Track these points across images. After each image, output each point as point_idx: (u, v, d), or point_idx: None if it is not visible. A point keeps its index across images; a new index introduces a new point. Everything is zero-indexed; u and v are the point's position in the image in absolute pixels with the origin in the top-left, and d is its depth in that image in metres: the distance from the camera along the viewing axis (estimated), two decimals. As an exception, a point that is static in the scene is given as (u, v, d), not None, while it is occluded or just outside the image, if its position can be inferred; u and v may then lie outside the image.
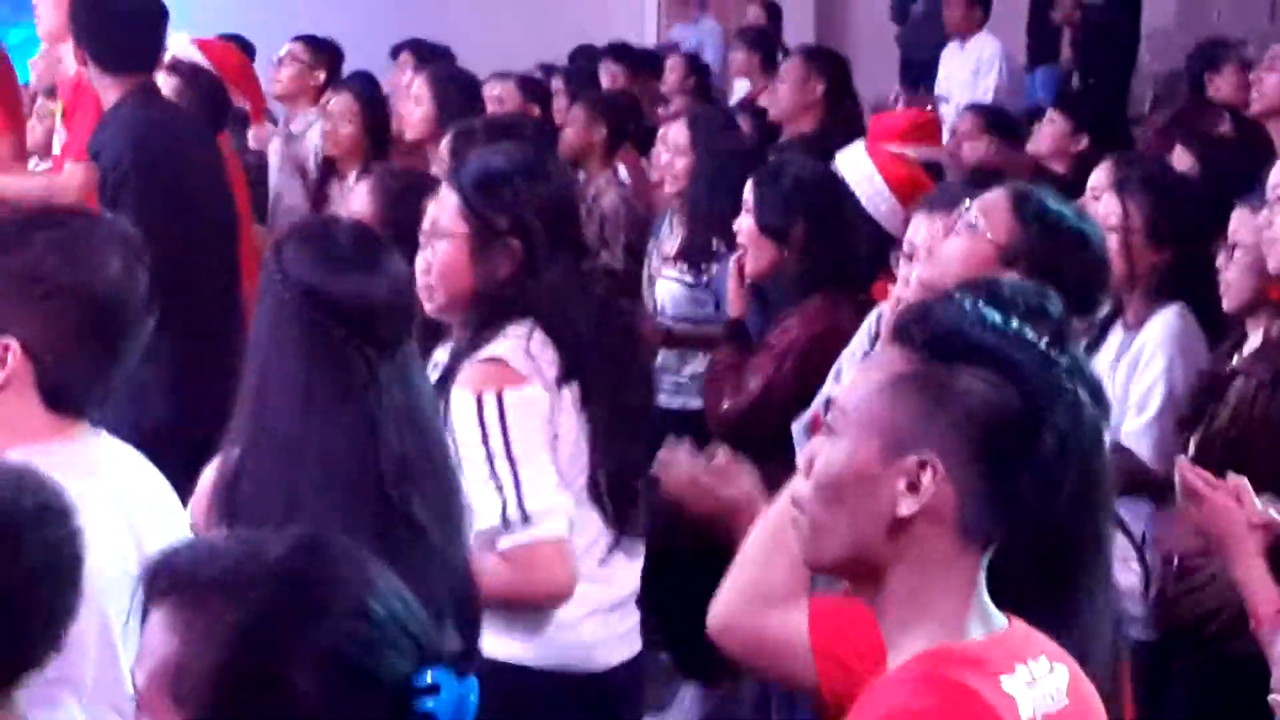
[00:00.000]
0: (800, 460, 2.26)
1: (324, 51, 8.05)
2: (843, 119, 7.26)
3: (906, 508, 2.13)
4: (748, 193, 5.02)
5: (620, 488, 3.53)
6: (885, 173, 5.38)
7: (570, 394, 3.47)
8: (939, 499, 2.14)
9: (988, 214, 3.50)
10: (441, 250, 3.53)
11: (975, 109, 7.89)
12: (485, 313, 3.51)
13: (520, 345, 3.44)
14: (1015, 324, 2.38)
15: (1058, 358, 2.36)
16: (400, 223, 3.77)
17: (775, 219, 4.93)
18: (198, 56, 6.37)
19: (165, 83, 6.07)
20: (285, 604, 1.74)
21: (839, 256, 4.89)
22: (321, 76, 7.86)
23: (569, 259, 3.56)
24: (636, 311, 4.59)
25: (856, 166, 5.38)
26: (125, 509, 2.64)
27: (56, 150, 5.96)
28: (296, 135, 7.62)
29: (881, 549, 2.16)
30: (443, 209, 3.58)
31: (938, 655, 2.13)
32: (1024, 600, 2.25)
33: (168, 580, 1.78)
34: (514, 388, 3.36)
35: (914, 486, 2.13)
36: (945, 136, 7.22)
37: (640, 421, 3.63)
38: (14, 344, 2.59)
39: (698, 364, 5.71)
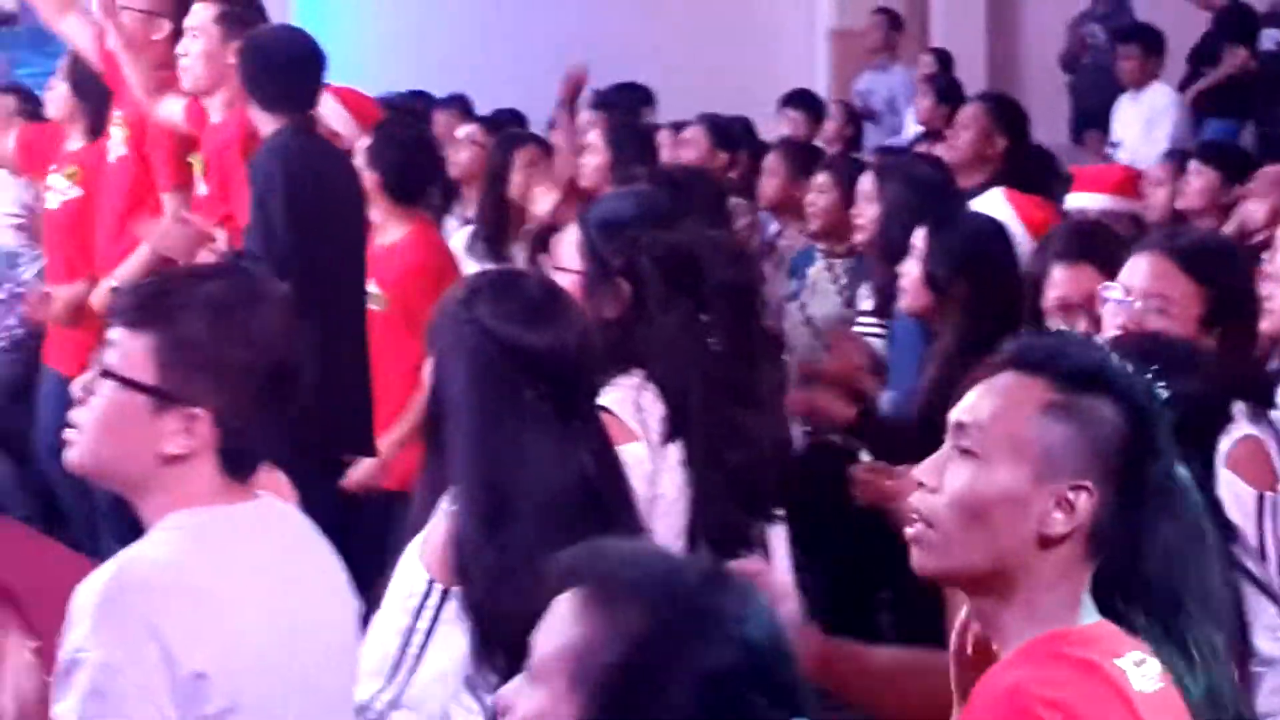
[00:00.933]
0: (923, 475, 2.36)
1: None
2: (1019, 170, 7.20)
3: (1058, 528, 2.29)
4: (917, 239, 5.00)
5: (719, 545, 3.45)
6: (1024, 218, 5.36)
7: (674, 451, 3.46)
8: (1086, 517, 2.30)
9: None
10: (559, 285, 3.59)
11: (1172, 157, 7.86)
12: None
13: (630, 397, 3.44)
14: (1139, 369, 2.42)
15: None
16: None
17: (940, 270, 4.93)
18: (336, 106, 6.47)
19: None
20: (690, 623, 1.87)
21: (1000, 313, 4.85)
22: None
23: (685, 311, 3.55)
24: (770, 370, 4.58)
25: (994, 213, 5.35)
26: (285, 571, 2.67)
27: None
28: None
29: (1018, 564, 2.31)
30: (567, 245, 3.65)
31: (1056, 636, 2.28)
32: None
33: (588, 571, 1.92)
34: (620, 444, 3.32)
35: (1064, 507, 2.28)
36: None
37: (747, 485, 3.58)
38: (203, 415, 2.58)
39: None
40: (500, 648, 2.86)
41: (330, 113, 6.25)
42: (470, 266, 6.34)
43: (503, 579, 2.86)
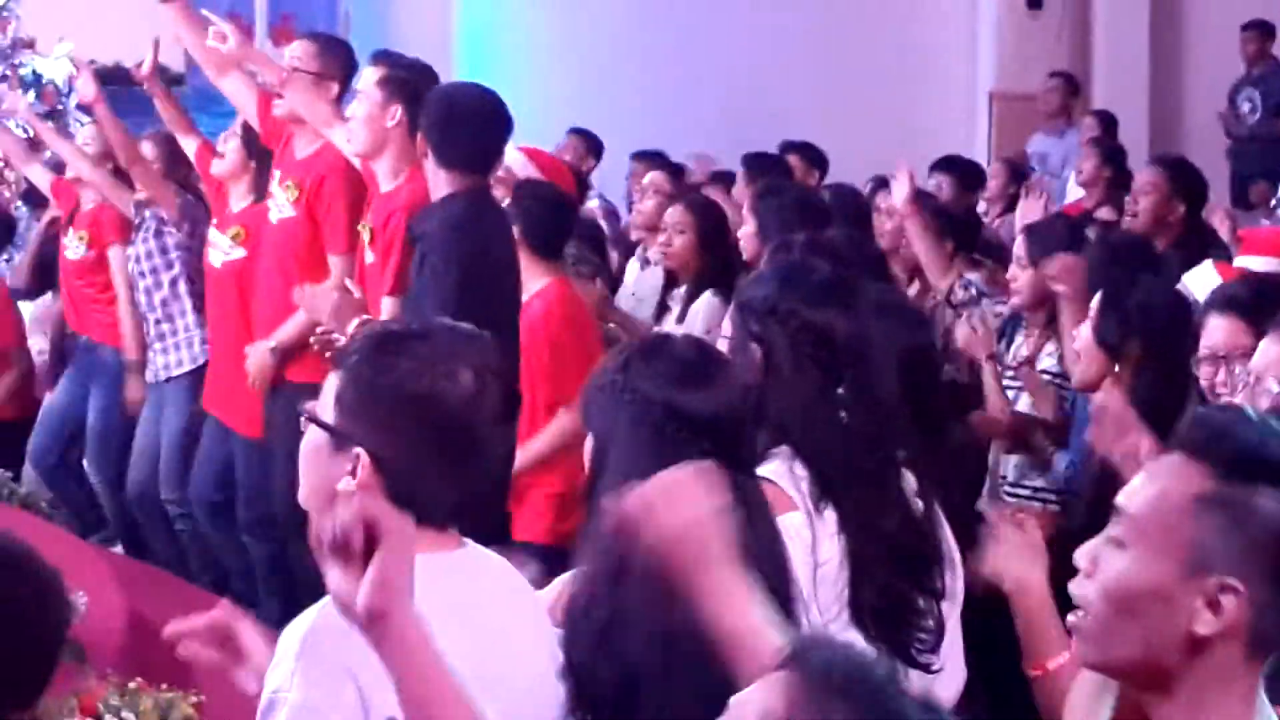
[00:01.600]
0: (1080, 560, 2.29)
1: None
2: (1197, 235, 7.11)
3: (1206, 627, 2.17)
4: (1093, 303, 4.97)
5: (884, 614, 3.45)
6: None
7: (830, 517, 3.43)
8: (1236, 618, 2.15)
9: None
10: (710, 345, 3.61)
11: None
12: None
13: (785, 466, 3.43)
14: None
15: None
16: None
17: (1112, 336, 4.88)
18: (524, 163, 6.49)
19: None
20: None
21: (1172, 380, 4.77)
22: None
23: (820, 381, 3.51)
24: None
25: (1205, 284, 5.26)
26: (487, 620, 2.67)
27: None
28: (653, 262, 7.75)
29: (1172, 661, 2.19)
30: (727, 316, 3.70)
31: None
32: None
33: (805, 659, 1.88)
34: (783, 515, 3.30)
35: (1214, 606, 2.15)
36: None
37: (905, 549, 3.53)
38: (363, 455, 2.63)
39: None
40: (590, 707, 2.83)
41: (520, 172, 6.28)
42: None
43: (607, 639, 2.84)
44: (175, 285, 7.62)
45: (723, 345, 3.60)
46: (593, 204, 9.65)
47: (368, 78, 5.93)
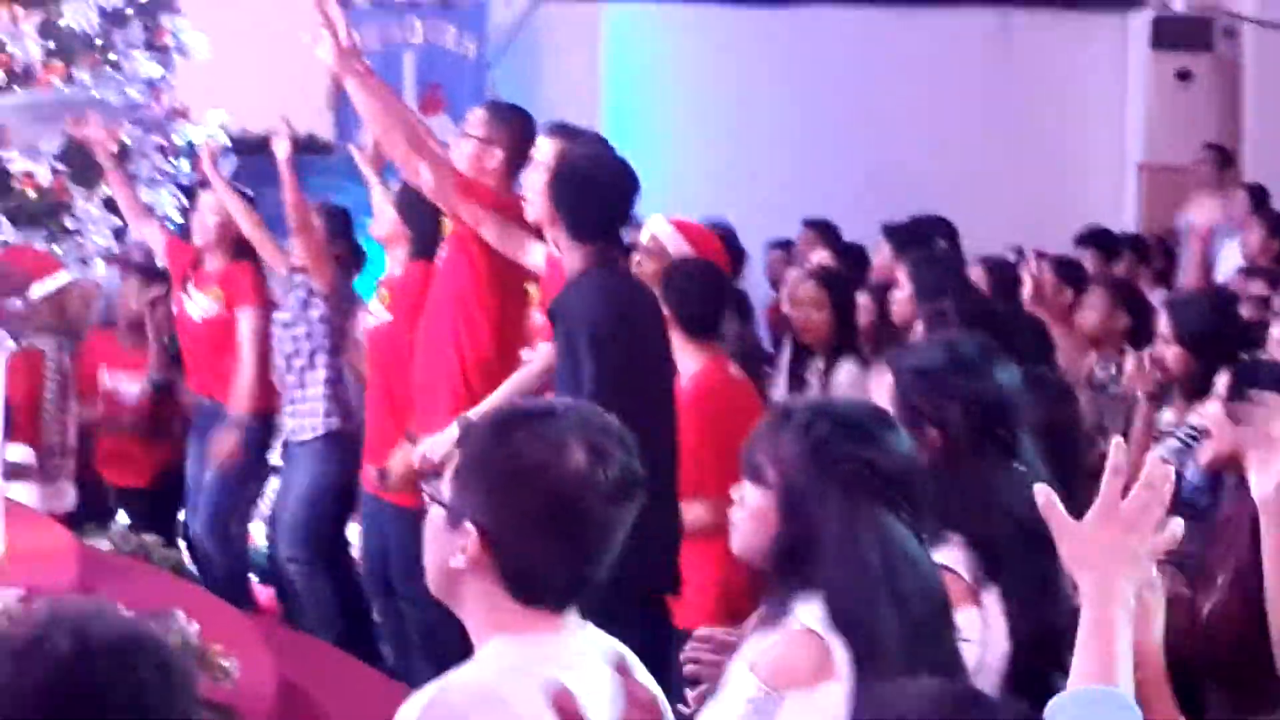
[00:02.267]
0: None
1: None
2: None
3: None
4: (1219, 381, 4.88)
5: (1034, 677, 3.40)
6: None
7: (991, 600, 3.42)
8: None
9: None
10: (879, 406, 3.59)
11: None
12: None
13: (956, 551, 3.41)
14: None
15: None
16: None
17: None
18: (673, 235, 6.47)
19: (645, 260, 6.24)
20: None
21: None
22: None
23: (996, 457, 3.52)
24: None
25: None
26: (604, 705, 2.66)
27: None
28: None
29: None
30: (880, 388, 3.68)
31: None
32: None
33: None
34: (962, 609, 3.31)
35: None
36: None
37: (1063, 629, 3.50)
38: (473, 530, 2.62)
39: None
40: None
41: (670, 246, 6.25)
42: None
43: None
44: (314, 355, 7.68)
45: None
46: None
47: (545, 148, 5.92)
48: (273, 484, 8.49)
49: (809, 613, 3.04)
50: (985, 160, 13.47)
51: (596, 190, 5.47)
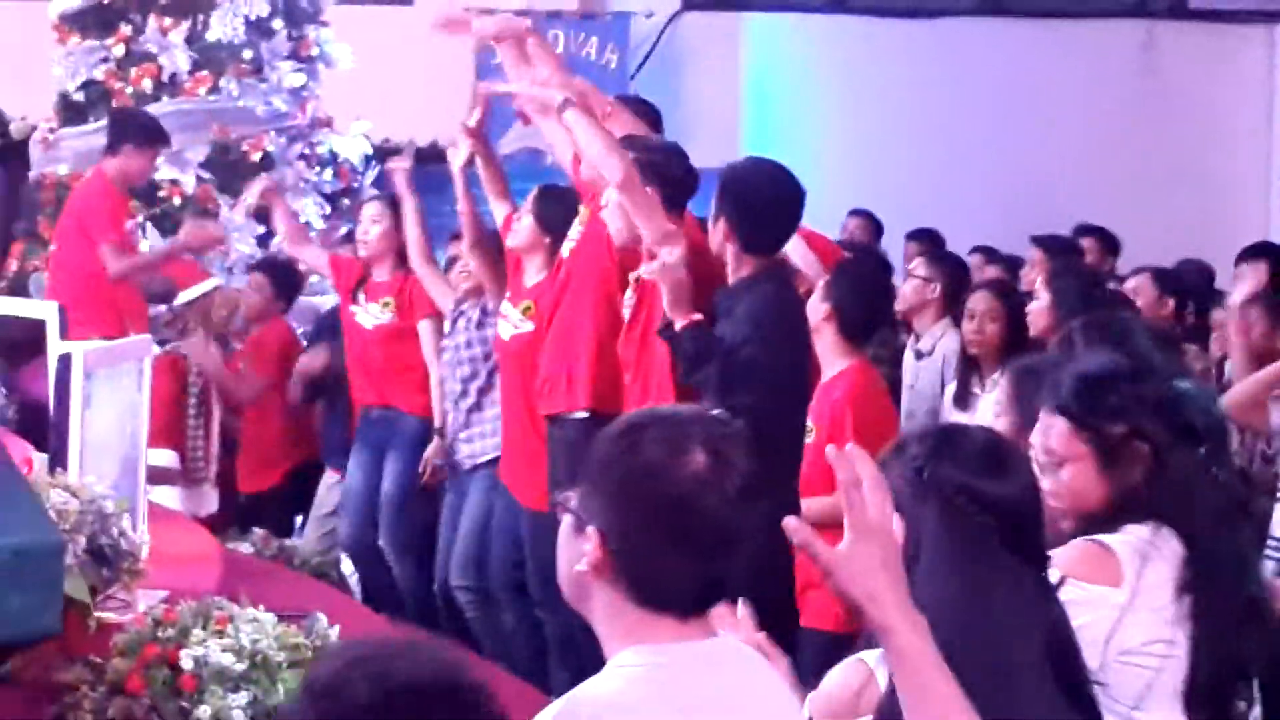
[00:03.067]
0: None
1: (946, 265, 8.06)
2: None
3: None
4: None
5: (1216, 690, 3.40)
6: None
7: (1157, 599, 3.39)
8: None
9: None
10: (1068, 476, 3.53)
11: None
12: (1114, 518, 3.48)
13: (1138, 546, 3.37)
14: None
15: None
16: None
17: None
18: (797, 244, 6.45)
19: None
20: None
21: None
22: (937, 289, 7.86)
23: (1190, 451, 3.48)
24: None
25: None
26: (739, 715, 2.65)
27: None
28: (925, 354, 7.68)
29: None
30: (1050, 435, 3.59)
31: None
32: None
33: None
34: (1099, 585, 3.29)
35: None
36: None
37: (1255, 618, 3.50)
38: (595, 535, 2.61)
39: None
40: None
41: (795, 254, 6.24)
42: None
43: None
44: (493, 375, 7.62)
45: (1066, 472, 3.56)
46: None
47: None
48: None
49: None
50: (1128, 175, 13.36)
51: (765, 205, 5.55)
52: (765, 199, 5.52)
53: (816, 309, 5.90)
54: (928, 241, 10.43)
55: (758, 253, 5.49)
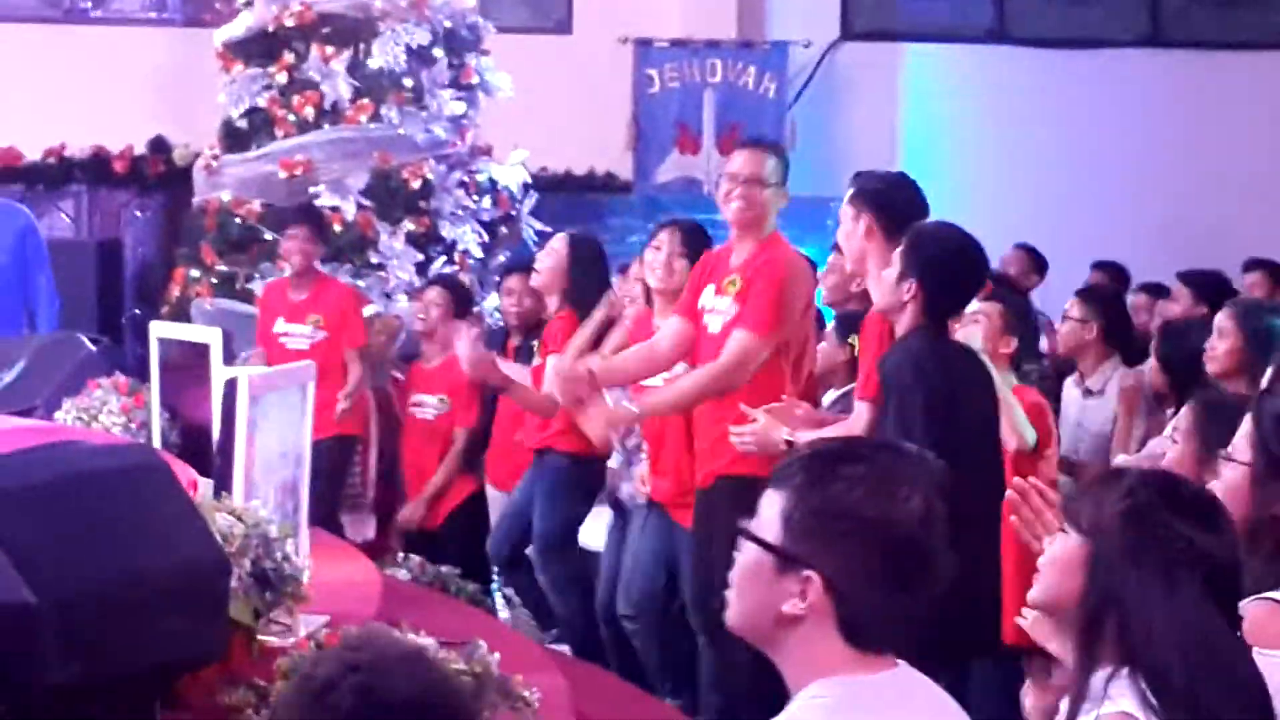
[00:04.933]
0: None
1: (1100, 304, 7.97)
2: None
3: None
4: None
5: None
6: None
7: None
8: None
9: None
10: (1227, 478, 3.48)
11: None
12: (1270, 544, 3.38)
13: None
14: None
15: None
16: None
17: None
18: None
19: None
20: None
21: None
22: (1094, 329, 7.72)
23: None
24: None
25: None
26: None
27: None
28: (1095, 392, 7.57)
29: None
30: (1240, 434, 3.57)
31: None
32: None
33: None
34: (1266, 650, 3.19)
35: None
36: None
37: None
38: (815, 578, 2.61)
39: None
40: None
41: None
42: None
43: None
44: None
45: (1228, 472, 3.54)
46: None
47: (845, 198, 6.04)
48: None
49: (1122, 695, 2.93)
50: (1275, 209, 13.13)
51: (959, 279, 5.54)
52: (957, 271, 5.51)
53: (997, 340, 5.89)
54: (1113, 272, 10.35)
55: (938, 318, 5.48)
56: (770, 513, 2.65)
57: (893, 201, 5.83)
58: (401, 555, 7.38)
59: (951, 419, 5.31)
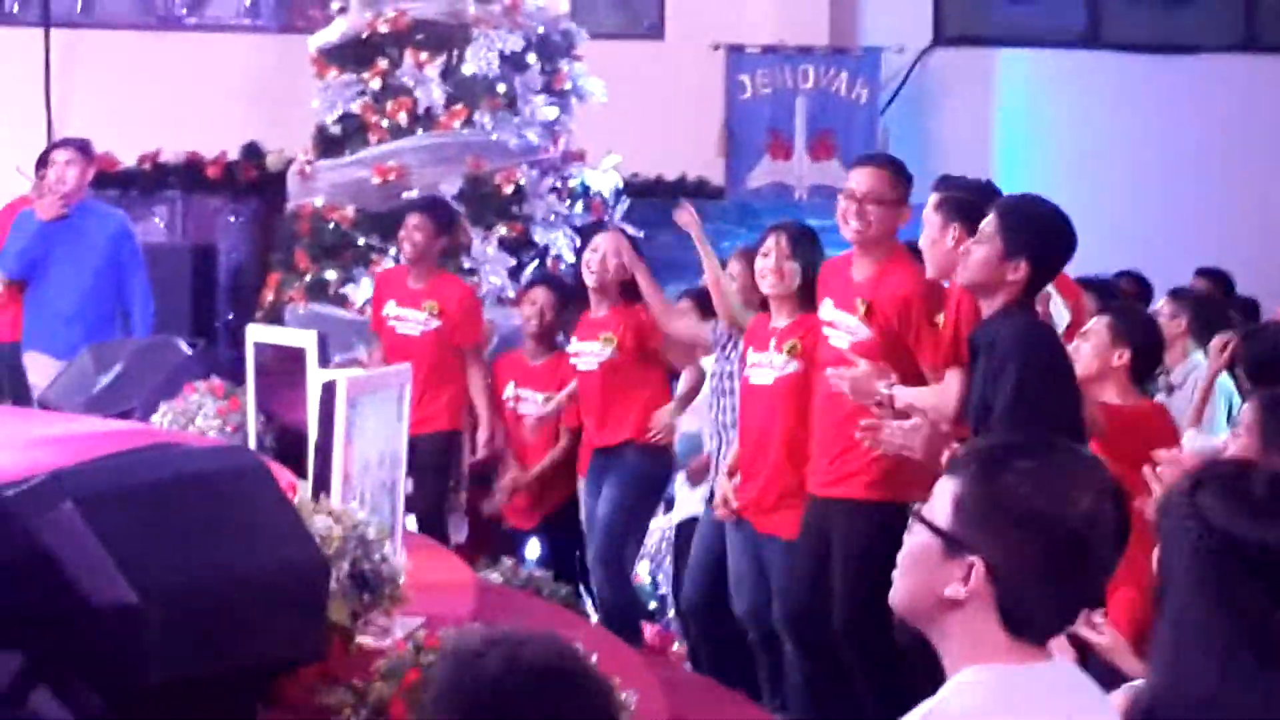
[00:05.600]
0: None
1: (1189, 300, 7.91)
2: None
3: None
4: None
5: None
6: None
7: None
8: None
9: None
10: None
11: None
12: None
13: None
14: None
15: None
16: None
17: None
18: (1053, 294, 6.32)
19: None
20: None
21: None
22: (1183, 323, 7.75)
23: None
24: None
25: None
26: None
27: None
28: (1177, 387, 7.52)
29: None
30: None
31: None
32: None
33: None
34: None
35: None
36: None
37: None
38: (979, 564, 2.64)
39: None
40: None
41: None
42: None
43: None
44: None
45: None
46: None
47: (929, 204, 6.09)
48: (659, 521, 8.52)
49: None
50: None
51: (1061, 251, 5.56)
52: (1061, 250, 5.52)
53: (1107, 354, 5.83)
54: (1217, 279, 10.29)
55: (1032, 292, 5.46)
56: (943, 498, 2.70)
57: (984, 213, 5.80)
58: (494, 559, 7.40)
59: (1071, 388, 5.37)
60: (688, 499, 8.28)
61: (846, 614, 6.40)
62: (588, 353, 8.34)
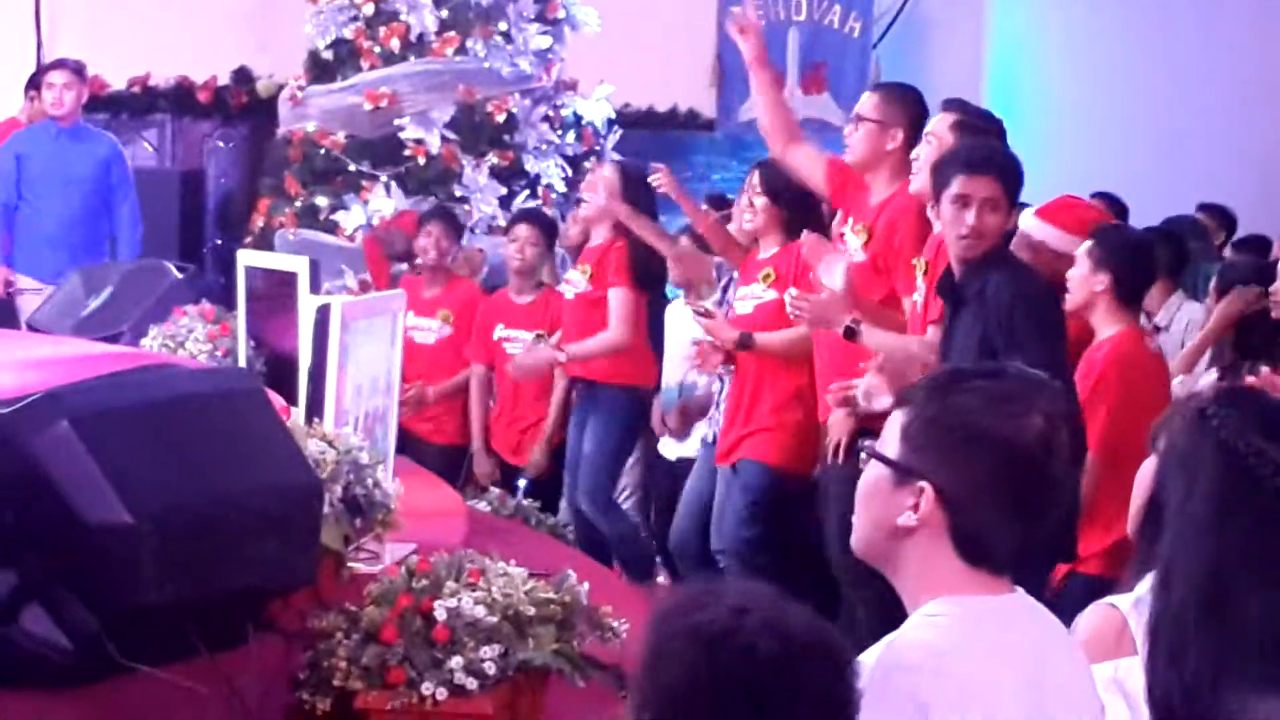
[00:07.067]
0: None
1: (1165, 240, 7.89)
2: None
3: None
4: None
5: None
6: None
7: None
8: None
9: None
10: None
11: None
12: None
13: None
14: None
15: None
16: None
17: None
18: (1040, 227, 6.26)
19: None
20: None
21: None
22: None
23: None
24: None
25: None
26: (1039, 667, 2.64)
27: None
28: (1163, 328, 7.51)
29: None
30: None
31: None
32: None
33: None
34: None
35: None
36: None
37: None
38: (928, 489, 2.61)
39: None
40: None
41: (1043, 235, 6.11)
42: None
43: (1192, 693, 2.83)
44: None
45: None
46: None
47: (939, 122, 6.05)
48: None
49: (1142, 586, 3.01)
50: None
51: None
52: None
53: (1089, 280, 5.81)
54: (1219, 216, 10.27)
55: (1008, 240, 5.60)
56: (891, 429, 2.67)
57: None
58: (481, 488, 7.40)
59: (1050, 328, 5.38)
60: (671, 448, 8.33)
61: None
62: (570, 281, 8.33)
